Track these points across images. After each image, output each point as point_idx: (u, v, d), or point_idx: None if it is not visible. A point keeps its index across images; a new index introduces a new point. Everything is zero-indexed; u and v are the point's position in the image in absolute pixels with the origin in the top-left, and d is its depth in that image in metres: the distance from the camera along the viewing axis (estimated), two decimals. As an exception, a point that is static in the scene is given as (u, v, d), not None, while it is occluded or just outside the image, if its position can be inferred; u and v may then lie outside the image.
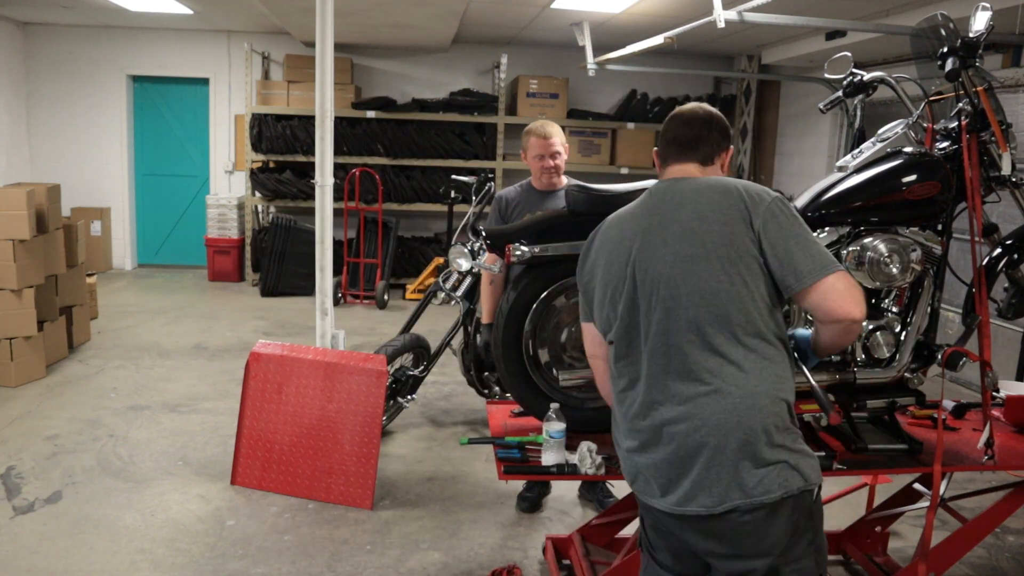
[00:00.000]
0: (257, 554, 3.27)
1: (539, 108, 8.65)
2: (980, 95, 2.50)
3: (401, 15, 6.66)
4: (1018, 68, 5.58)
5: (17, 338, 5.13)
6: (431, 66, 9.24)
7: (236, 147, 9.23)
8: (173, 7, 7.43)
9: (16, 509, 3.58)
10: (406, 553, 3.32)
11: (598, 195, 2.58)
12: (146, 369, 5.65)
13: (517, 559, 3.30)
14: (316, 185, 4.11)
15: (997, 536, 3.62)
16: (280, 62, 8.98)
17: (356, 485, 3.70)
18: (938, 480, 2.41)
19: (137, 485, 3.85)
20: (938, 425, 2.57)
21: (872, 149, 2.56)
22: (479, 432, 4.64)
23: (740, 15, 4.81)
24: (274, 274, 8.23)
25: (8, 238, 5.04)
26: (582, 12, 6.72)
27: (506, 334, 2.59)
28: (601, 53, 7.13)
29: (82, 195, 9.08)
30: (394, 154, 8.55)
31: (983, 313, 2.57)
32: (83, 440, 4.36)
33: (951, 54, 2.43)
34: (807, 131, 8.30)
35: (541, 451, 2.42)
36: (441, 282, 4.58)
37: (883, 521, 3.23)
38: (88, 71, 9.00)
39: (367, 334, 6.77)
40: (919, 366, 2.59)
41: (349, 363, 3.79)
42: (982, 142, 2.55)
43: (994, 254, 2.73)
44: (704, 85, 9.60)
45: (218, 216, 8.84)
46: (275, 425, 3.83)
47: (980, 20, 2.43)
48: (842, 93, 2.79)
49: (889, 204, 2.49)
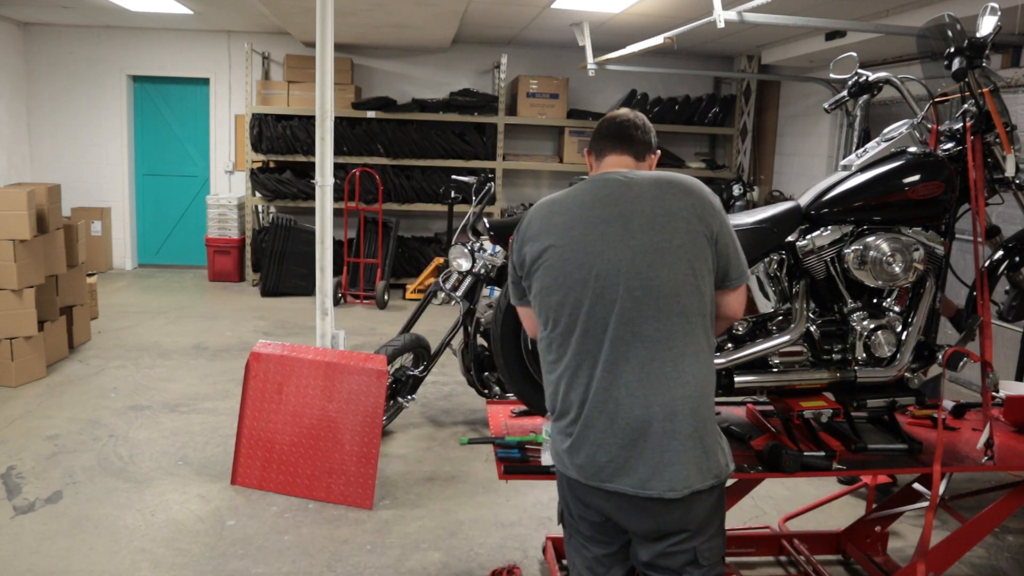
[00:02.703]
0: (257, 554, 3.27)
1: (539, 108, 8.65)
2: (986, 96, 2.51)
3: (401, 15, 6.66)
4: (1018, 68, 5.58)
5: (17, 338, 5.13)
6: (431, 66, 9.25)
7: (236, 147, 9.23)
8: (173, 7, 7.43)
9: (16, 509, 3.58)
10: (406, 553, 3.32)
11: None
12: (146, 369, 5.65)
13: (517, 559, 3.30)
14: (316, 185, 4.11)
15: (997, 536, 3.62)
16: (280, 62, 8.98)
17: (356, 485, 3.70)
18: (937, 480, 2.41)
19: (137, 485, 3.85)
20: (938, 425, 2.58)
21: (876, 148, 2.56)
22: (479, 432, 4.64)
23: (740, 15, 4.81)
24: (274, 274, 8.23)
25: (8, 238, 5.04)
26: (582, 12, 6.72)
27: (504, 329, 2.59)
28: (601, 53, 7.13)
29: (82, 195, 9.09)
30: (394, 154, 8.55)
31: (985, 314, 2.57)
32: (83, 440, 4.36)
33: (958, 54, 2.44)
34: (807, 131, 8.30)
35: (541, 451, 2.43)
36: (441, 282, 4.58)
37: (883, 521, 3.24)
38: (88, 71, 9.00)
39: (367, 334, 6.77)
40: (920, 366, 2.59)
41: (349, 363, 3.79)
42: (986, 143, 2.56)
43: (995, 257, 2.73)
44: (704, 85, 9.60)
45: (218, 216, 8.84)
46: (275, 425, 3.83)
47: (988, 24, 2.43)
48: (847, 93, 2.80)
49: (892, 204, 2.50)
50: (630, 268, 1.85)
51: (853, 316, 2.54)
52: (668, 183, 1.93)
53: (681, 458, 1.83)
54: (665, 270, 1.85)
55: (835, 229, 2.52)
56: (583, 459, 1.90)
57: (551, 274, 1.93)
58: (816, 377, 2.54)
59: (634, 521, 1.91)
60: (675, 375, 1.84)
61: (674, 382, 1.84)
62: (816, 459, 2.44)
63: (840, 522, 3.50)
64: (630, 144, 2.05)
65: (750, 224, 2.48)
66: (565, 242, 1.92)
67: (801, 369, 2.54)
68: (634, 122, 2.07)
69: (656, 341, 1.84)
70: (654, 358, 1.84)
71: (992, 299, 2.70)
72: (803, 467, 2.41)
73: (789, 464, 2.38)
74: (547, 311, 1.95)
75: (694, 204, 1.90)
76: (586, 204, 1.94)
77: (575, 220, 1.93)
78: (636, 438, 1.84)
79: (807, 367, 2.55)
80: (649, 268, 1.85)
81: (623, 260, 1.86)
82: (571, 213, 1.95)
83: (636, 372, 1.85)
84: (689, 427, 1.84)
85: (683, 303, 1.85)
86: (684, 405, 1.84)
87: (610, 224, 1.89)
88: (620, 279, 1.85)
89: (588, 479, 1.91)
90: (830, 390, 2.60)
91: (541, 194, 9.46)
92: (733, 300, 1.99)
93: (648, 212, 1.88)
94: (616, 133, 2.06)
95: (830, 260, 2.53)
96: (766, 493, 3.89)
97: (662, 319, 1.84)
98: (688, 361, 1.85)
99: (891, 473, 3.27)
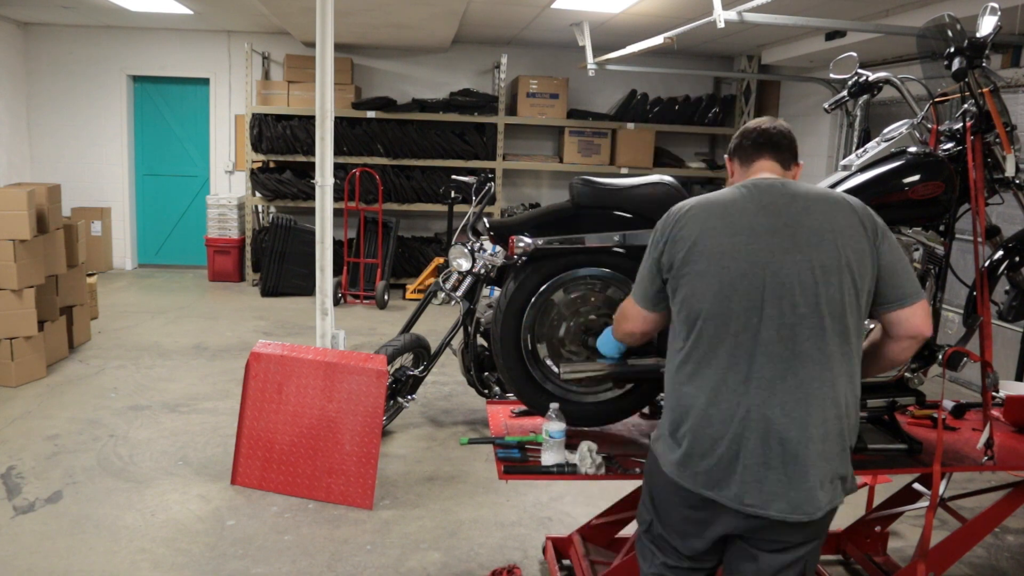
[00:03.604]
0: (257, 554, 3.27)
1: (539, 108, 8.65)
2: (986, 96, 2.51)
3: (401, 15, 6.66)
4: (1018, 68, 5.59)
5: (17, 338, 5.13)
6: (431, 66, 9.25)
7: (236, 147, 9.23)
8: (173, 7, 7.43)
9: (16, 509, 3.58)
10: (406, 553, 3.32)
11: (603, 188, 2.58)
12: (146, 369, 5.65)
13: (517, 559, 3.30)
14: (316, 185, 4.11)
15: (997, 536, 3.62)
16: (280, 62, 8.98)
17: (356, 485, 3.70)
18: (937, 480, 2.41)
19: (137, 485, 3.85)
20: (938, 425, 2.57)
21: (877, 148, 2.56)
22: (479, 432, 4.64)
23: (740, 15, 4.81)
24: (274, 274, 8.23)
25: (9, 238, 5.04)
26: (582, 12, 6.72)
27: (504, 328, 2.59)
28: (601, 53, 7.13)
29: (82, 195, 9.09)
30: (394, 154, 8.55)
31: (985, 314, 2.57)
32: (83, 440, 4.36)
33: (958, 54, 2.43)
34: (807, 131, 8.30)
35: (541, 451, 2.43)
36: (441, 282, 4.57)
37: (883, 521, 3.24)
38: (88, 71, 9.00)
39: (367, 334, 6.77)
40: (920, 366, 2.59)
41: (349, 363, 3.79)
42: (986, 143, 2.55)
43: (995, 257, 2.73)
44: (704, 85, 9.60)
45: (218, 216, 8.84)
46: (275, 425, 3.83)
47: (988, 24, 2.43)
48: (847, 93, 2.79)
49: (892, 203, 2.49)
50: (798, 283, 1.80)
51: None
52: (836, 199, 1.90)
53: (829, 478, 1.83)
54: (832, 288, 1.81)
55: None
56: (725, 480, 1.83)
57: (706, 280, 1.84)
58: None
59: (768, 542, 1.87)
60: (831, 396, 1.81)
61: (830, 403, 1.81)
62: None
63: (840, 522, 3.50)
64: (779, 152, 2.01)
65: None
66: (726, 249, 1.84)
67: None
68: (782, 131, 2.03)
69: (816, 361, 1.81)
70: (814, 378, 1.80)
71: (992, 299, 2.70)
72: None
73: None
74: (693, 319, 1.86)
75: (862, 222, 1.87)
76: (749, 211, 1.87)
77: (739, 226, 1.85)
78: (789, 460, 1.80)
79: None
80: (817, 285, 1.80)
81: (791, 274, 1.81)
82: (733, 218, 1.87)
83: (794, 392, 1.80)
84: (838, 447, 1.84)
85: (845, 323, 1.82)
86: (835, 427, 1.83)
87: (777, 235, 1.83)
88: (785, 293, 1.80)
89: (730, 501, 1.83)
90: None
91: (541, 194, 9.47)
92: (916, 316, 1.92)
93: (816, 227, 1.83)
94: (766, 141, 2.01)
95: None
96: (766, 493, 3.89)
97: (825, 338, 1.80)
98: (842, 382, 1.83)
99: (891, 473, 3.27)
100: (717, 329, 1.84)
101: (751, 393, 1.81)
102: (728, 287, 1.82)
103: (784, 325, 1.80)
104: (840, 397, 1.83)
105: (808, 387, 1.80)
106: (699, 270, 1.85)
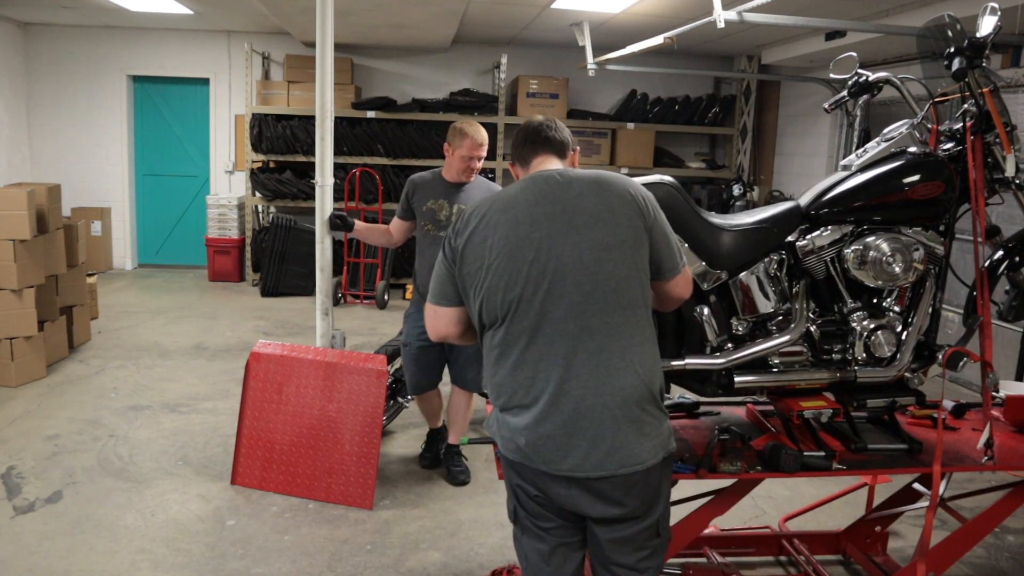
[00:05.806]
0: (257, 554, 3.27)
1: (539, 108, 8.65)
2: (986, 96, 2.51)
3: (401, 15, 6.66)
4: (1018, 68, 5.59)
5: (17, 338, 5.13)
6: (431, 66, 9.25)
7: (236, 147, 9.23)
8: (173, 7, 7.43)
9: (16, 509, 3.58)
10: (406, 553, 3.32)
11: None
12: (146, 369, 5.65)
13: (517, 559, 3.30)
14: (316, 185, 4.12)
15: (997, 536, 3.62)
16: (280, 62, 8.98)
17: (356, 485, 3.70)
18: (937, 480, 2.41)
19: (137, 485, 3.86)
20: (938, 425, 2.58)
21: (877, 148, 2.56)
22: (479, 432, 4.63)
23: (740, 15, 4.81)
24: (274, 274, 8.23)
25: (8, 238, 5.04)
26: (582, 12, 6.72)
27: None
28: (601, 53, 7.13)
29: (82, 195, 9.09)
30: (394, 154, 8.55)
31: (985, 314, 2.57)
32: (83, 440, 4.36)
33: (958, 54, 2.43)
34: (807, 131, 8.30)
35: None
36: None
37: (883, 521, 3.24)
38: (88, 71, 9.00)
39: (367, 334, 6.77)
40: (920, 366, 2.59)
41: (349, 363, 3.79)
42: (986, 144, 2.55)
43: (995, 257, 2.73)
44: (704, 85, 9.60)
45: (218, 216, 8.84)
46: (275, 425, 3.83)
47: (988, 24, 2.43)
48: (847, 93, 2.79)
49: (892, 203, 2.50)
50: (577, 264, 1.90)
51: (853, 316, 2.54)
52: (607, 181, 2.00)
53: (631, 439, 1.91)
54: (611, 265, 1.91)
55: (835, 229, 2.52)
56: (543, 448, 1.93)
57: (497, 273, 1.94)
58: (816, 377, 2.54)
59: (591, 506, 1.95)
60: (623, 365, 1.91)
61: (623, 372, 1.91)
62: (816, 459, 2.44)
63: (840, 522, 3.50)
64: (550, 144, 2.15)
65: (750, 224, 2.48)
66: (511, 239, 1.94)
67: (801, 369, 2.54)
68: (547, 124, 2.17)
69: (604, 334, 1.91)
70: (603, 350, 1.90)
71: (992, 299, 2.70)
72: (803, 467, 2.41)
73: (789, 464, 2.38)
74: (494, 308, 1.96)
75: (634, 200, 1.97)
76: (530, 201, 1.98)
77: (521, 217, 1.96)
78: (589, 426, 1.89)
79: (807, 367, 2.55)
80: (596, 263, 1.91)
81: (571, 255, 1.91)
82: (516, 210, 1.97)
83: (587, 364, 1.90)
84: (637, 412, 1.92)
85: (628, 296, 1.93)
86: (633, 393, 1.91)
87: (555, 220, 1.94)
88: (568, 274, 1.90)
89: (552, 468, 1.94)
90: (830, 390, 2.60)
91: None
92: (675, 288, 2.09)
93: (591, 209, 1.94)
94: (538, 138, 2.15)
95: (830, 260, 2.52)
96: (766, 493, 3.89)
97: (609, 312, 1.91)
98: (635, 351, 1.93)
99: (891, 473, 3.27)
100: (515, 316, 1.94)
101: (552, 369, 1.91)
102: (517, 275, 1.92)
103: (572, 304, 1.90)
104: (635, 365, 1.92)
105: (598, 358, 1.90)
106: (489, 264, 1.95)
